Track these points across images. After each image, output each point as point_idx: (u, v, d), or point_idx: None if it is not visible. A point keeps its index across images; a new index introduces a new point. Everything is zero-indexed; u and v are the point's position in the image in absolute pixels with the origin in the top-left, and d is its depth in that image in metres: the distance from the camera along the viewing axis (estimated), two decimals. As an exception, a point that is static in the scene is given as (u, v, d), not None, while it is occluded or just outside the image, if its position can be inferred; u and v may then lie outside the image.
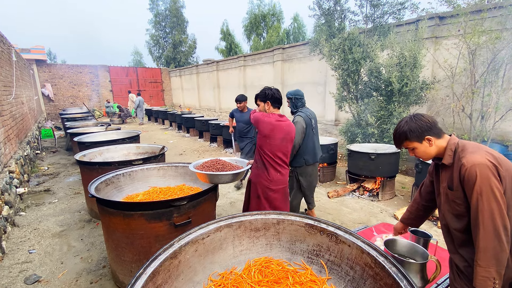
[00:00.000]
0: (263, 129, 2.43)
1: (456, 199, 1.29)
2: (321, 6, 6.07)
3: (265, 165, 2.52)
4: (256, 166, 2.59)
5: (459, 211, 1.29)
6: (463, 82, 4.84)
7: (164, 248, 1.35)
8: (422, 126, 1.34)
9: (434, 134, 1.34)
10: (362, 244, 1.37)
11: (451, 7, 5.00)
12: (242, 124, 4.67)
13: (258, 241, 1.68)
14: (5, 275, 2.57)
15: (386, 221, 3.54)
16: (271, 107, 2.53)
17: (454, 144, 1.33)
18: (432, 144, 1.35)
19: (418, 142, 1.36)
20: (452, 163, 1.32)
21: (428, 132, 1.34)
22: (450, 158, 1.32)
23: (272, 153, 2.49)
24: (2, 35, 5.74)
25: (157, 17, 24.63)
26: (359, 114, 5.48)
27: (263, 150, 2.49)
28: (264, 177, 2.52)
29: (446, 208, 1.37)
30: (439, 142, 1.35)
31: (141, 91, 19.52)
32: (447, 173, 1.35)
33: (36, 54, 15.07)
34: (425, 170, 3.63)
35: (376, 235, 2.09)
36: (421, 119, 1.36)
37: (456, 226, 1.33)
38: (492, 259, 1.15)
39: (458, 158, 1.27)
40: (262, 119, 2.44)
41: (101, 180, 2.64)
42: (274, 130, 2.43)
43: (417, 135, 1.35)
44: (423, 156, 1.41)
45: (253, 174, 2.63)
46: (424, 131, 1.34)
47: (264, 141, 2.46)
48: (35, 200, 4.42)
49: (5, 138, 4.45)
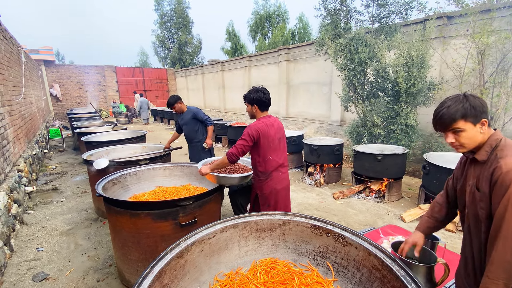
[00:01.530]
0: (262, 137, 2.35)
1: (481, 202, 1.14)
2: (327, 6, 6.04)
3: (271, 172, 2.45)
4: (259, 179, 2.48)
5: (481, 216, 1.16)
6: (471, 83, 4.77)
7: (170, 247, 1.35)
8: (482, 106, 1.13)
9: (487, 119, 1.15)
10: (369, 246, 1.36)
11: (459, 7, 4.93)
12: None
13: (264, 242, 1.68)
14: (13, 273, 2.62)
15: (393, 223, 3.50)
16: (259, 110, 2.43)
17: (496, 141, 1.15)
18: (484, 129, 1.15)
19: (472, 124, 1.14)
20: (485, 160, 1.15)
21: (485, 114, 1.14)
22: (486, 154, 1.15)
23: (277, 156, 2.45)
24: (12, 36, 5.85)
25: (162, 18, 24.80)
26: (365, 115, 5.44)
27: (267, 157, 2.40)
28: (272, 185, 2.47)
29: (471, 209, 1.22)
30: (488, 130, 1.17)
31: (147, 91, 19.69)
32: (477, 170, 1.19)
33: (44, 54, 15.31)
34: (432, 171, 3.58)
35: (383, 237, 2.07)
36: (478, 98, 1.15)
37: (476, 231, 1.21)
38: (503, 273, 1.05)
39: (495, 157, 1.11)
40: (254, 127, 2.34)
41: (108, 180, 2.67)
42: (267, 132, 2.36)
43: (475, 115, 1.13)
44: (466, 143, 1.18)
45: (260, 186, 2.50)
46: (483, 113, 1.14)
47: (267, 147, 2.39)
48: (43, 198, 4.48)
49: (14, 138, 4.53)
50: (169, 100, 3.95)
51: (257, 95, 2.37)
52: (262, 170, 2.43)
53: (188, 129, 3.98)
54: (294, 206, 4.06)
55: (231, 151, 2.31)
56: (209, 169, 2.33)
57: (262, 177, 2.46)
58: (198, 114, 3.94)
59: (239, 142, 2.32)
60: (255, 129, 2.31)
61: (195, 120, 3.94)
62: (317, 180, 4.99)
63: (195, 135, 3.99)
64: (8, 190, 3.35)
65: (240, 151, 2.30)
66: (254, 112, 2.45)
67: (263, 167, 2.42)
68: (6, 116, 4.16)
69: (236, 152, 2.30)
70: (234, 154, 2.30)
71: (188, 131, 4.00)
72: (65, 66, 17.14)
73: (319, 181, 4.95)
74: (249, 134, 2.30)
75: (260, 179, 2.47)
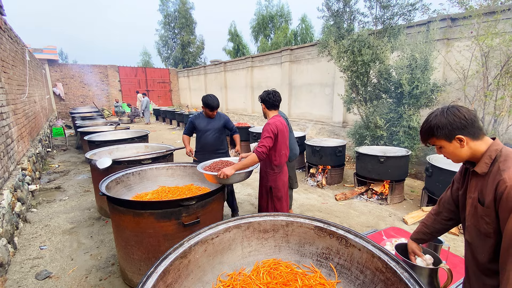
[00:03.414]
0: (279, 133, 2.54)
1: (486, 216, 1.07)
2: (330, 7, 6.04)
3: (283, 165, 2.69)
4: (273, 172, 2.67)
5: (486, 230, 1.08)
6: (475, 85, 4.75)
7: (174, 247, 1.36)
8: (453, 123, 1.10)
9: (468, 134, 1.09)
10: (372, 248, 1.36)
11: (463, 9, 4.91)
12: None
13: (267, 243, 1.68)
14: (17, 270, 2.63)
15: (395, 225, 3.49)
16: (267, 109, 2.70)
17: (496, 151, 1.08)
18: (464, 145, 1.11)
19: (446, 141, 1.13)
20: (486, 173, 1.08)
21: (460, 131, 1.09)
22: (486, 166, 1.08)
23: (286, 151, 2.69)
24: (16, 36, 5.89)
25: (166, 18, 24.90)
26: (368, 116, 5.43)
27: (281, 151, 2.62)
28: (283, 177, 2.71)
29: (472, 222, 1.16)
30: (474, 144, 1.10)
31: (150, 91, 19.76)
32: (478, 183, 1.12)
33: (48, 54, 15.39)
34: (435, 174, 3.57)
35: (386, 239, 2.07)
36: (455, 113, 1.11)
37: (480, 245, 1.14)
38: None
39: (498, 169, 1.03)
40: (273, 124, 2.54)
41: (112, 179, 2.68)
42: (283, 129, 2.59)
43: (445, 133, 1.11)
44: (451, 158, 1.19)
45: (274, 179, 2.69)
46: (456, 129, 1.10)
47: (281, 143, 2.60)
48: (46, 197, 4.51)
49: (18, 136, 4.56)
50: (213, 103, 3.30)
51: (263, 94, 2.69)
52: (277, 163, 2.63)
53: (214, 137, 3.44)
54: (296, 207, 4.06)
55: (260, 150, 2.43)
56: (233, 170, 2.34)
57: (276, 170, 2.65)
58: (230, 123, 3.58)
59: (264, 140, 2.47)
60: (275, 125, 2.50)
61: (224, 128, 3.54)
62: (319, 181, 4.99)
63: (222, 145, 3.52)
64: (12, 188, 3.37)
65: (268, 147, 2.46)
66: (264, 111, 2.73)
67: (278, 161, 2.62)
68: (11, 115, 4.18)
69: (265, 150, 2.44)
70: (264, 152, 2.44)
71: (213, 139, 3.43)
72: (69, 66, 17.24)
73: (321, 182, 4.94)
74: (271, 130, 2.47)
75: (275, 172, 2.65)
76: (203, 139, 3.44)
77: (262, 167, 2.74)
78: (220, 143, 3.50)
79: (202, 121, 3.45)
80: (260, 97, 2.71)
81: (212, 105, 3.29)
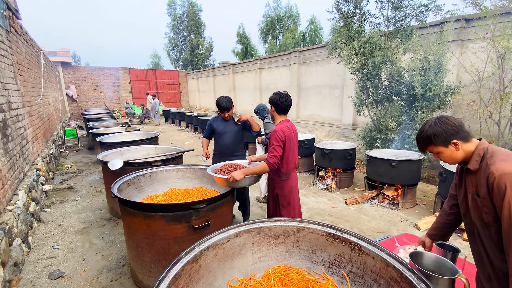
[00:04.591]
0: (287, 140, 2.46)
1: (484, 207, 1.23)
2: (341, 9, 5.99)
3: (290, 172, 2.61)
4: (280, 179, 2.60)
5: (487, 220, 1.23)
6: (491, 87, 4.62)
7: (185, 251, 1.36)
8: (448, 130, 1.28)
9: (461, 138, 1.28)
10: (387, 257, 1.33)
11: (477, 9, 4.79)
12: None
13: (278, 248, 1.66)
14: (30, 270, 2.69)
15: (407, 231, 3.42)
16: (276, 112, 2.57)
17: (483, 150, 1.26)
18: (459, 148, 1.29)
19: (443, 147, 1.31)
20: (478, 169, 1.25)
21: (454, 136, 1.28)
22: (476, 163, 1.26)
23: (294, 157, 2.59)
24: (32, 39, 6.06)
25: (175, 21, 25.21)
26: (379, 119, 5.35)
27: (289, 158, 2.54)
28: (291, 184, 2.62)
29: (476, 215, 1.30)
30: (466, 146, 1.29)
31: (159, 92, 20.02)
32: (473, 178, 1.29)
33: (62, 56, 15.81)
34: (449, 179, 3.48)
35: (399, 247, 2.02)
36: (446, 122, 1.29)
37: (485, 234, 1.27)
38: None
39: (486, 164, 1.21)
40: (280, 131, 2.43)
41: (123, 181, 2.71)
42: (290, 135, 2.51)
43: (442, 140, 1.29)
44: (448, 161, 1.36)
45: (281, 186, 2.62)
46: (450, 135, 1.28)
47: (289, 150, 2.51)
48: (59, 197, 4.60)
49: (33, 137, 4.68)
50: (224, 104, 3.13)
51: (273, 96, 2.53)
52: (284, 171, 2.55)
53: (232, 139, 3.29)
54: (305, 211, 4.02)
55: (272, 160, 2.36)
56: (243, 174, 2.34)
57: (283, 178, 2.58)
58: (248, 122, 3.29)
59: (274, 149, 2.38)
60: (282, 132, 2.41)
61: (241, 131, 3.34)
62: (328, 184, 4.93)
63: (239, 148, 3.35)
64: (27, 188, 3.46)
65: (278, 156, 2.39)
66: (273, 114, 2.61)
67: (285, 169, 2.54)
68: (26, 117, 4.30)
69: (276, 160, 2.37)
70: (276, 162, 2.37)
71: (230, 142, 3.29)
72: (81, 68, 17.64)
73: (330, 185, 4.89)
74: (279, 138, 2.39)
75: (282, 179, 2.59)
76: (220, 141, 3.35)
77: (269, 174, 2.69)
78: (237, 146, 3.33)
79: (220, 123, 3.36)
80: (271, 99, 2.55)
81: (221, 105, 3.16)
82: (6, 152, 3.05)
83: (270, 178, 2.68)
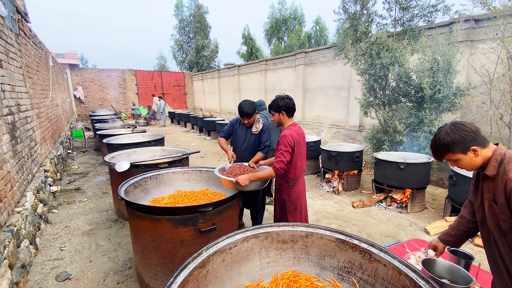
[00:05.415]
0: (296, 145, 2.39)
1: (501, 214, 1.20)
2: (347, 10, 5.95)
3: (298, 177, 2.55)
4: (288, 185, 2.54)
5: (505, 227, 1.20)
6: (501, 89, 4.52)
7: (193, 257, 1.34)
8: (466, 137, 1.23)
9: (479, 144, 1.24)
10: (399, 265, 1.29)
11: (486, 9, 4.70)
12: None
13: (286, 254, 1.64)
14: (38, 271, 2.70)
15: (416, 235, 3.35)
16: (286, 117, 2.47)
17: (501, 155, 1.22)
18: (478, 154, 1.24)
19: (462, 154, 1.26)
20: (495, 174, 1.22)
21: (473, 143, 1.23)
22: (494, 169, 1.22)
23: (302, 162, 2.54)
24: (41, 42, 6.14)
25: (181, 23, 25.37)
26: (386, 121, 5.28)
27: (297, 164, 2.47)
28: (298, 189, 2.56)
29: (492, 222, 1.27)
30: (484, 151, 1.25)
31: (165, 94, 20.16)
32: (490, 185, 1.25)
33: (70, 59, 16.04)
34: (460, 183, 3.41)
35: (409, 252, 1.97)
36: (463, 128, 1.25)
37: (502, 242, 1.24)
38: None
39: (504, 171, 1.17)
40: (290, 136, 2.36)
41: (130, 183, 2.71)
42: (299, 140, 2.45)
43: (461, 147, 1.24)
44: (467, 168, 1.31)
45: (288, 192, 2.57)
46: (469, 142, 1.23)
47: (297, 155, 2.44)
48: (67, 198, 4.64)
49: (41, 139, 4.73)
50: (246, 109, 2.91)
51: (284, 102, 2.41)
52: (292, 176, 2.50)
53: (249, 150, 3.14)
54: (312, 214, 3.98)
55: (278, 165, 2.31)
56: (248, 180, 2.32)
57: (290, 183, 2.53)
58: (264, 135, 3.13)
59: (282, 154, 2.32)
60: (291, 137, 2.34)
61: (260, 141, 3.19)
62: (335, 187, 4.88)
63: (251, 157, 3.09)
64: (35, 190, 3.49)
65: (286, 162, 2.34)
66: (282, 120, 2.49)
67: (292, 174, 2.49)
68: (35, 119, 4.35)
69: (283, 165, 2.32)
70: (282, 168, 2.32)
71: (248, 152, 3.13)
72: (88, 70, 17.86)
73: (337, 188, 4.83)
74: (288, 143, 2.33)
75: (289, 185, 2.53)
76: (237, 148, 3.21)
77: (276, 179, 2.64)
78: (253, 155, 3.06)
79: (241, 130, 3.18)
80: (283, 105, 2.39)
81: (242, 110, 2.94)
82: (15, 154, 3.08)
83: (277, 183, 2.63)
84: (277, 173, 2.34)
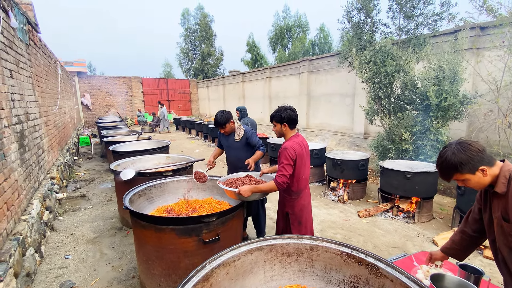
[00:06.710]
0: (298, 157, 2.32)
1: None
2: (351, 19, 5.99)
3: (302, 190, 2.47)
4: (291, 198, 2.48)
5: None
6: (509, 97, 4.47)
7: (196, 270, 1.32)
8: (474, 157, 1.22)
9: (487, 163, 1.22)
10: (407, 281, 1.26)
11: (492, 16, 4.68)
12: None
13: (290, 267, 1.61)
14: (42, 280, 2.71)
15: (424, 246, 3.28)
16: (288, 128, 2.40)
17: (509, 171, 1.21)
18: (487, 174, 1.23)
19: (471, 174, 1.24)
20: (506, 191, 1.20)
21: (481, 163, 1.22)
22: (504, 186, 1.21)
23: (306, 174, 2.47)
24: (50, 51, 6.29)
25: (187, 31, 25.80)
26: (392, 129, 5.23)
27: (300, 176, 2.39)
28: (302, 202, 2.49)
29: (501, 241, 1.25)
30: (492, 170, 1.24)
31: (170, 101, 20.40)
32: (501, 202, 1.23)
33: (78, 66, 16.37)
34: (468, 192, 3.34)
35: (417, 266, 1.93)
36: (470, 148, 1.23)
37: None
38: None
39: None
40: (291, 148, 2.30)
41: (135, 192, 2.72)
42: (301, 152, 2.37)
43: (469, 168, 1.23)
44: (476, 187, 1.30)
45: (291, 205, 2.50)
46: (477, 162, 1.22)
47: (300, 167, 2.37)
48: (72, 205, 4.67)
49: (48, 147, 4.79)
50: (218, 119, 3.01)
51: (287, 113, 2.34)
52: (295, 189, 2.42)
53: (236, 155, 3.17)
54: (317, 223, 3.93)
55: (280, 180, 2.25)
56: (250, 192, 2.28)
57: (294, 196, 2.45)
58: (252, 138, 3.13)
59: (283, 168, 2.26)
60: (293, 150, 2.28)
61: (248, 145, 3.16)
62: (340, 196, 4.82)
63: (244, 164, 3.01)
64: (42, 197, 3.52)
65: (288, 175, 2.28)
66: (283, 131, 2.42)
67: (296, 187, 2.41)
68: (43, 127, 4.42)
69: (285, 179, 2.26)
70: (285, 182, 2.27)
71: (236, 158, 3.18)
72: (96, 77, 18.19)
73: (342, 197, 4.78)
74: (290, 157, 2.27)
75: (292, 198, 2.46)
76: (227, 155, 3.33)
77: (279, 191, 2.54)
78: (242, 163, 3.05)
79: (223, 138, 3.32)
80: (286, 117, 2.33)
81: (215, 120, 3.07)
82: (23, 162, 3.12)
83: (280, 195, 2.56)
84: (279, 187, 2.27)
